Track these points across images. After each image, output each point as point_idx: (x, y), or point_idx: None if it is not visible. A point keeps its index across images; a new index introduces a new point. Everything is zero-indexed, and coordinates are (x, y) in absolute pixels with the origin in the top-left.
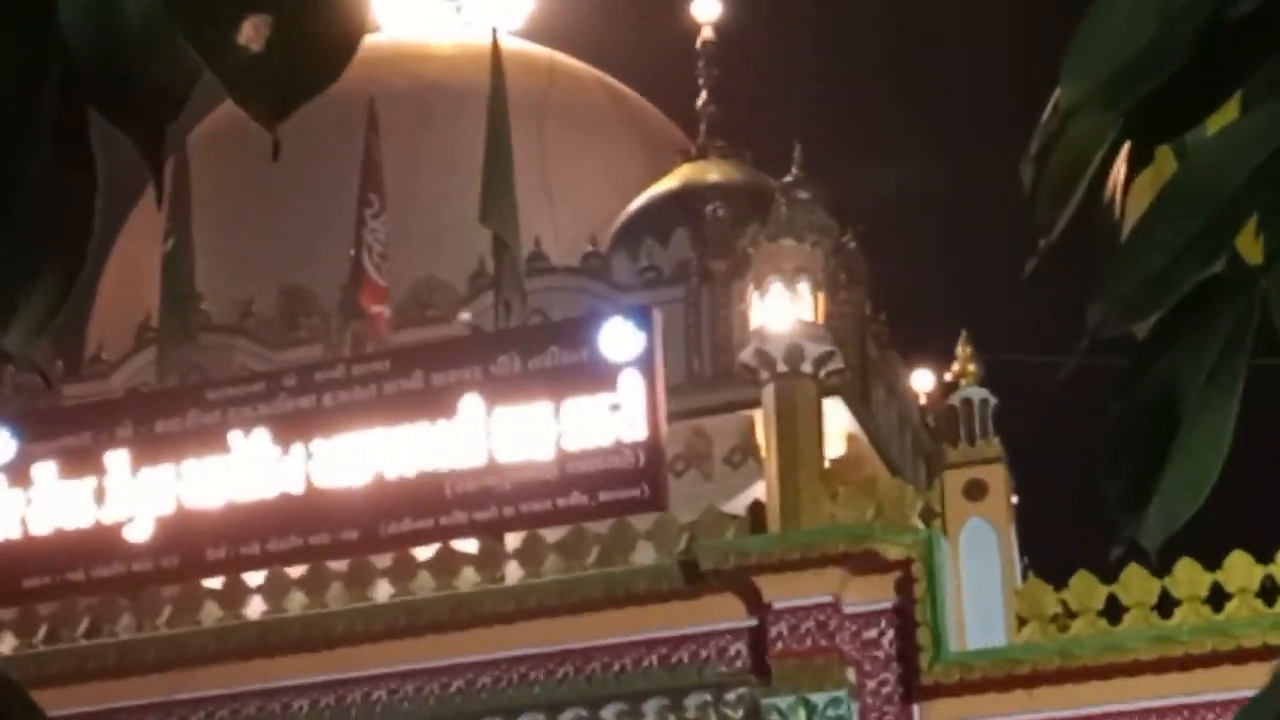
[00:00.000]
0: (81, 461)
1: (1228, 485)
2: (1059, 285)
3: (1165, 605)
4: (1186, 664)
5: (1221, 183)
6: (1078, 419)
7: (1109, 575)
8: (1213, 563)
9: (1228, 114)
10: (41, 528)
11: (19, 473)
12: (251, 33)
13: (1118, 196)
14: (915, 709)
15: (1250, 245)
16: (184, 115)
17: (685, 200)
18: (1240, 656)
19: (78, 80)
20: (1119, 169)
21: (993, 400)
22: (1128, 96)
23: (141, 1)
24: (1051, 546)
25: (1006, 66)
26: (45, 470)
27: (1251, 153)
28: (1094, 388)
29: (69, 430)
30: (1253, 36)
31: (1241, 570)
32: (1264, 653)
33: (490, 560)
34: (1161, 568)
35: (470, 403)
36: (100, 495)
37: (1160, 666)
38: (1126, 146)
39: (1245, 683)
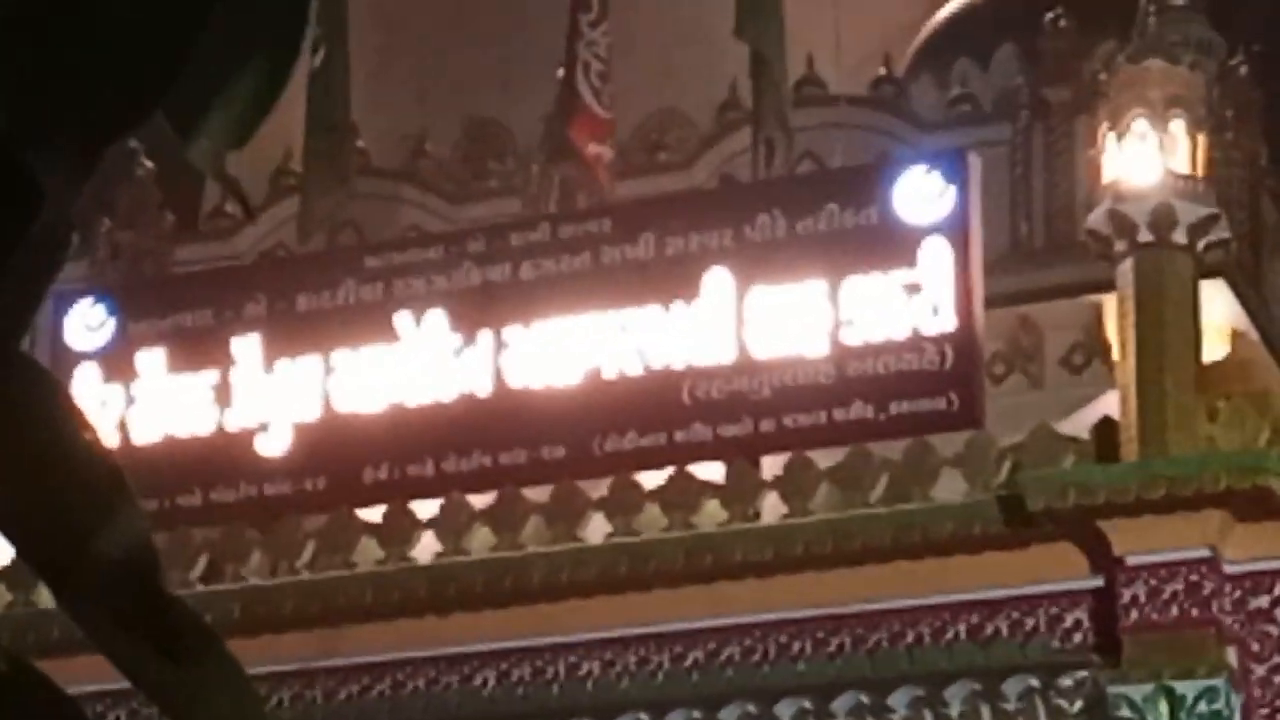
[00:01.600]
0: (200, 348)
1: None
2: None
3: None
4: None
5: None
6: None
7: None
8: None
9: None
10: (147, 435)
11: (119, 362)
12: None
13: None
14: None
15: None
16: None
17: (1015, 5)
18: None
19: None
20: None
21: None
22: None
23: None
24: None
25: None
26: (152, 359)
27: None
28: None
29: (184, 306)
30: None
31: None
32: None
33: (741, 491)
34: None
35: (717, 278)
36: (224, 394)
37: None
38: None
39: None
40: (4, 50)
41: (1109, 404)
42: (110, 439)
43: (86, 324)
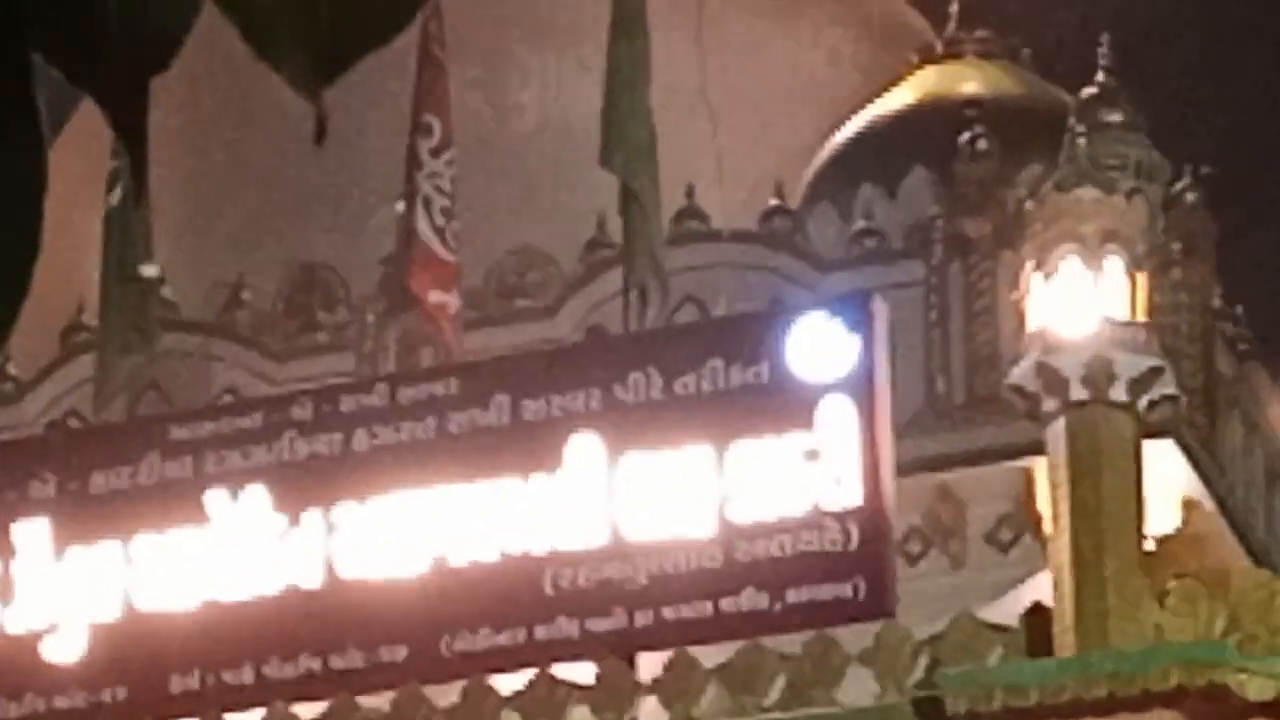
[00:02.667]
0: None
1: None
2: None
3: None
4: None
5: None
6: None
7: None
8: None
9: None
10: None
11: None
12: None
13: None
14: None
15: None
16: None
17: (927, 124)
18: None
19: (22, 19)
20: None
21: None
22: None
23: None
24: None
25: None
26: None
27: None
28: None
29: None
30: None
31: None
32: None
33: (615, 695)
34: None
35: (584, 446)
36: (5, 588)
37: None
38: None
39: None
40: None
41: (1041, 587)
42: None
43: None
